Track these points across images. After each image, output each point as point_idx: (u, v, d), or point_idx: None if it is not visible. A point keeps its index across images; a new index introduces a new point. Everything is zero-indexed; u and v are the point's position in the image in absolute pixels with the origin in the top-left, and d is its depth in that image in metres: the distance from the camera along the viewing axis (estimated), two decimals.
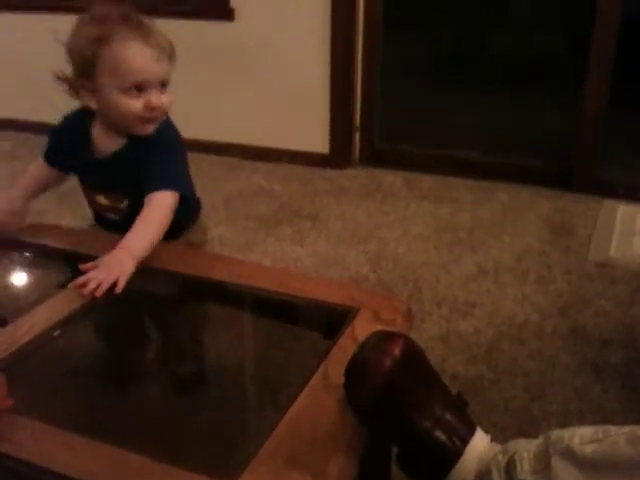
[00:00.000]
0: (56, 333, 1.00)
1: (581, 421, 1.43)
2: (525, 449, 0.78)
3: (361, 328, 0.95)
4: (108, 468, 0.74)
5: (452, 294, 1.95)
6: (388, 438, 0.86)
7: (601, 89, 2.53)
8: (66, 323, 1.01)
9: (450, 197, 2.64)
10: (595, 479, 0.71)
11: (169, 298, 1.20)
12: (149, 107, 1.19)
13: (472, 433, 0.81)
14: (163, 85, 1.21)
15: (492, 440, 0.83)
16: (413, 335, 0.93)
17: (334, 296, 1.06)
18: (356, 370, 0.82)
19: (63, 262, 1.26)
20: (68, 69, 1.22)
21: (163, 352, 1.08)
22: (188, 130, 1.35)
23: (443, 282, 2.02)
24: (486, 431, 0.84)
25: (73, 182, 1.40)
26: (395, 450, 0.86)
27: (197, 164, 3.39)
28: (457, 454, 0.80)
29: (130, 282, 1.12)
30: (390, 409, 0.80)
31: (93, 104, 1.23)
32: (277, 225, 2.44)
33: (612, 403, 1.50)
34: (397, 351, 0.81)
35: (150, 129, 1.23)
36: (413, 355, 0.83)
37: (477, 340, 1.73)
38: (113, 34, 1.16)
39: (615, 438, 0.72)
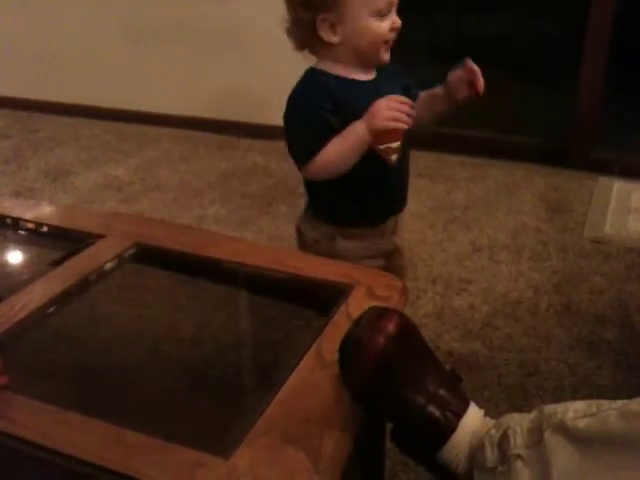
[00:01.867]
0: (50, 310, 1.00)
1: (575, 397, 1.44)
2: (518, 424, 0.78)
3: (355, 305, 0.95)
4: (103, 445, 0.74)
5: (447, 271, 1.95)
6: (382, 414, 0.87)
7: (598, 72, 2.52)
8: (60, 300, 1.01)
9: (446, 175, 2.63)
10: (588, 453, 0.72)
11: (163, 276, 1.20)
12: (394, 28, 1.17)
13: (465, 408, 0.81)
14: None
15: (485, 415, 0.83)
16: (408, 312, 0.93)
17: (329, 274, 1.06)
18: (350, 347, 0.82)
19: (56, 239, 1.25)
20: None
21: (158, 330, 1.08)
22: (180, 107, 1.33)
23: (438, 259, 2.02)
24: (480, 407, 0.84)
25: (63, 160, 1.37)
26: (389, 426, 0.87)
27: (192, 142, 3.37)
28: (451, 429, 0.80)
29: (123, 260, 1.12)
30: (384, 385, 0.80)
31: (335, 38, 1.17)
32: (272, 203, 2.43)
33: (606, 379, 1.51)
34: (391, 327, 0.81)
35: (388, 56, 1.21)
36: (407, 331, 0.83)
37: (472, 316, 1.74)
38: None
39: (608, 412, 0.72)
